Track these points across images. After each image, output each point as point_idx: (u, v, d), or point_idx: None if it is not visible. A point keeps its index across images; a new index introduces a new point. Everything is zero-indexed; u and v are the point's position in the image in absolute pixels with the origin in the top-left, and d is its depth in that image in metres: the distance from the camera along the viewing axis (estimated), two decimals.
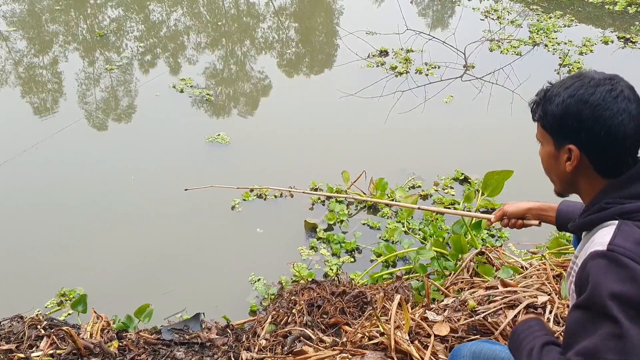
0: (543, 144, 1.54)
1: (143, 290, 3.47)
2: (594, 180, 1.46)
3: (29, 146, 4.93)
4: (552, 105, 1.45)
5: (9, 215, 4.20)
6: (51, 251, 3.83)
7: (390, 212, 4.20)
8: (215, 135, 5.13)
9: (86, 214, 4.20)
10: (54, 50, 7.52)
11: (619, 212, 1.40)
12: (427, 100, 5.82)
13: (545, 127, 1.49)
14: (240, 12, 9.28)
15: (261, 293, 3.45)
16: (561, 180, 1.54)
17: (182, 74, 6.64)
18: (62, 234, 4.01)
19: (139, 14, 8.92)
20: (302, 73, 7.11)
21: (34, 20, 8.58)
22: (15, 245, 3.90)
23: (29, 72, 6.92)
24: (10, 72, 6.89)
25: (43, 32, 8.16)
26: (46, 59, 7.26)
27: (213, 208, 4.24)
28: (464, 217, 3.48)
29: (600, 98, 1.38)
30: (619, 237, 1.34)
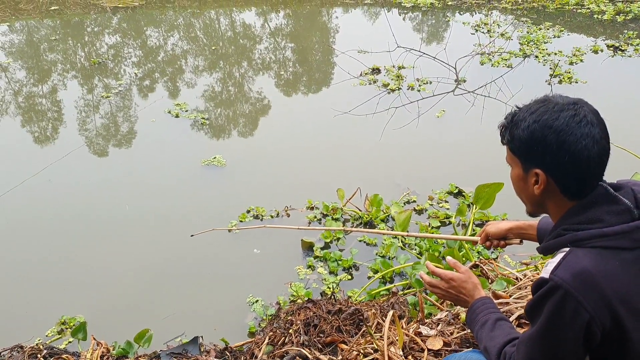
0: (512, 166, 1.59)
1: (142, 315, 3.51)
2: (561, 202, 1.51)
3: (29, 175, 4.99)
4: (518, 129, 1.50)
5: (10, 244, 4.26)
6: (51, 279, 3.88)
7: (387, 228, 4.24)
8: (212, 158, 5.19)
9: (85, 241, 4.25)
10: (53, 78, 7.63)
11: (572, 239, 1.45)
12: (420, 115, 5.89)
13: (513, 150, 1.54)
14: (237, 34, 9.41)
15: (259, 314, 3.48)
16: (531, 202, 1.59)
17: (180, 97, 6.74)
18: (61, 261, 4.06)
19: (136, 40, 9.05)
20: (300, 92, 7.20)
21: (32, 50, 8.71)
22: (15, 274, 3.95)
23: (28, 101, 7.02)
24: (10, 102, 6.99)
25: (42, 61, 8.29)
26: (45, 88, 7.37)
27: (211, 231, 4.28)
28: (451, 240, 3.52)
29: (564, 123, 1.43)
30: (562, 267, 1.41)
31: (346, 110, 5.85)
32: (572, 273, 1.38)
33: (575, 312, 1.37)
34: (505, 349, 1.60)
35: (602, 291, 1.37)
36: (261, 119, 6.43)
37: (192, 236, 3.47)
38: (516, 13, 9.08)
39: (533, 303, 1.48)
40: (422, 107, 6.04)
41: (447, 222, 4.27)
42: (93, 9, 10.24)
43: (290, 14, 10.32)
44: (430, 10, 9.59)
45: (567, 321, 1.39)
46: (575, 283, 1.37)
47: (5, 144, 5.91)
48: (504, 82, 6.38)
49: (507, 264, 3.72)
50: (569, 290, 1.37)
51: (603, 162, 1.46)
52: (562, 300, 1.38)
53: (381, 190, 4.47)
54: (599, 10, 8.76)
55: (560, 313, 1.39)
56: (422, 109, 6.00)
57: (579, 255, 1.41)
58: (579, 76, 6.54)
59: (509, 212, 4.21)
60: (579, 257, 1.40)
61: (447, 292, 1.89)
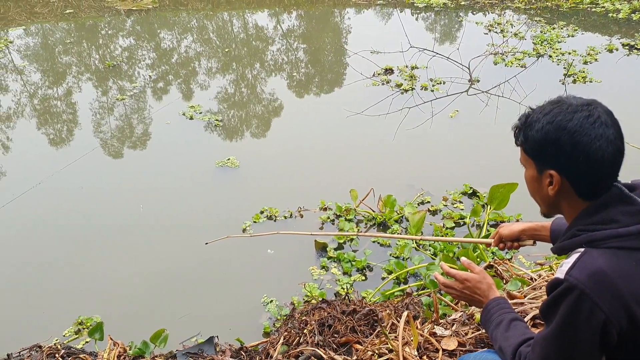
0: (526, 167, 1.59)
1: (158, 315, 3.54)
2: (575, 203, 1.51)
3: (45, 177, 5.05)
4: (532, 131, 1.50)
5: (27, 246, 4.31)
6: (68, 280, 3.92)
7: (401, 229, 4.24)
8: (225, 159, 5.22)
9: (101, 242, 4.30)
10: (68, 81, 7.71)
11: (586, 240, 1.44)
12: (434, 115, 5.88)
13: (527, 152, 1.54)
14: (250, 36, 9.44)
15: (274, 314, 3.50)
16: (545, 203, 1.59)
17: (194, 99, 6.78)
18: (78, 262, 4.10)
19: (150, 42, 9.11)
20: (312, 93, 7.21)
21: (47, 53, 8.80)
22: (32, 275, 4.00)
23: (43, 104, 7.10)
24: (26, 104, 7.07)
25: (56, 64, 8.37)
26: (60, 91, 7.45)
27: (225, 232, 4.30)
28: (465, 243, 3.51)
29: (577, 124, 1.42)
30: (577, 267, 1.40)
31: (359, 110, 5.85)
32: (588, 273, 1.38)
33: (590, 313, 1.37)
34: (521, 349, 1.60)
35: (617, 291, 1.37)
36: (274, 120, 6.45)
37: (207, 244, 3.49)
38: (529, 12, 9.03)
39: (548, 303, 1.47)
40: (435, 107, 6.03)
41: (462, 222, 4.26)
42: (107, 12, 10.33)
43: (302, 15, 10.34)
44: (443, 10, 9.57)
45: (583, 322, 1.38)
46: (590, 283, 1.37)
47: (21, 146, 5.98)
48: (518, 82, 6.35)
49: (521, 265, 3.71)
50: (584, 290, 1.36)
51: (617, 163, 1.46)
52: (577, 301, 1.38)
53: (395, 191, 4.47)
54: (613, 9, 8.69)
55: (576, 314, 1.39)
56: (435, 109, 5.99)
57: (594, 256, 1.40)
58: (593, 75, 6.50)
59: (524, 212, 4.19)
60: (594, 258, 1.40)
61: (461, 293, 1.89)
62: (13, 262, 4.14)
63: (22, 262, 4.14)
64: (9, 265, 4.11)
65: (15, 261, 4.15)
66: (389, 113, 5.92)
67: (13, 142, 6.09)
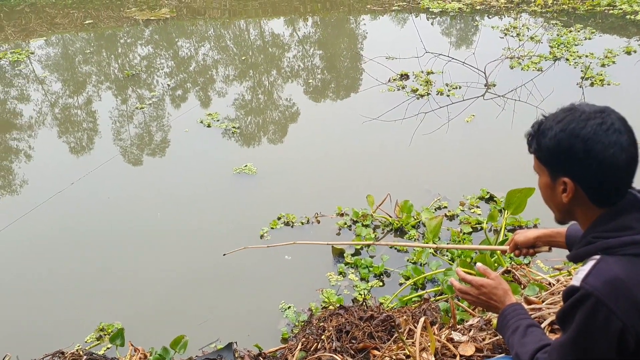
0: (540, 175, 1.60)
1: (177, 321, 3.58)
2: (589, 210, 1.51)
3: (67, 185, 5.14)
4: (545, 138, 1.50)
5: (49, 253, 4.39)
6: (89, 287, 3.98)
7: (418, 235, 4.25)
8: (243, 166, 5.27)
9: (122, 249, 4.36)
10: (88, 90, 7.83)
11: (602, 247, 1.45)
12: (450, 120, 5.87)
13: (540, 159, 1.55)
14: (266, 43, 9.52)
15: (292, 320, 3.52)
16: (559, 210, 1.59)
17: (212, 106, 6.86)
18: (99, 268, 4.17)
19: (168, 51, 9.22)
20: (329, 99, 7.24)
21: (68, 63, 8.95)
22: (54, 282, 4.07)
23: (64, 112, 7.22)
24: (47, 113, 7.19)
25: (76, 73, 8.51)
26: (80, 100, 7.57)
27: (243, 238, 4.35)
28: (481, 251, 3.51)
29: (591, 131, 1.43)
30: (592, 275, 1.41)
31: (375, 116, 5.88)
32: (603, 281, 1.38)
33: (607, 320, 1.37)
34: (537, 356, 1.61)
35: (634, 299, 1.37)
36: (291, 126, 6.50)
37: (225, 255, 3.53)
38: (546, 16, 8.98)
39: (564, 311, 1.48)
40: (451, 112, 6.03)
41: (479, 227, 4.25)
42: (126, 22, 10.48)
43: (318, 22, 10.39)
44: (458, 14, 9.56)
45: (599, 330, 1.39)
46: (606, 291, 1.37)
47: (42, 154, 6.10)
48: (535, 86, 6.32)
49: (539, 269, 3.69)
50: (600, 298, 1.37)
51: (632, 170, 1.46)
52: (593, 309, 1.39)
53: (411, 196, 4.47)
54: (631, 11, 8.61)
55: (592, 321, 1.39)
56: (451, 114, 5.99)
57: (609, 263, 1.41)
58: (611, 78, 6.45)
59: (541, 216, 4.18)
60: (609, 265, 1.40)
61: (477, 299, 1.90)
62: (35, 268, 4.22)
63: (44, 268, 4.22)
64: (32, 272, 4.19)
65: (37, 268, 4.23)
66: (405, 118, 5.93)
67: (35, 150, 6.21)
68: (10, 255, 4.39)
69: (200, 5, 11.68)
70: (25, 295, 3.98)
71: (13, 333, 3.60)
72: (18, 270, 4.22)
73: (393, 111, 6.01)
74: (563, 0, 9.46)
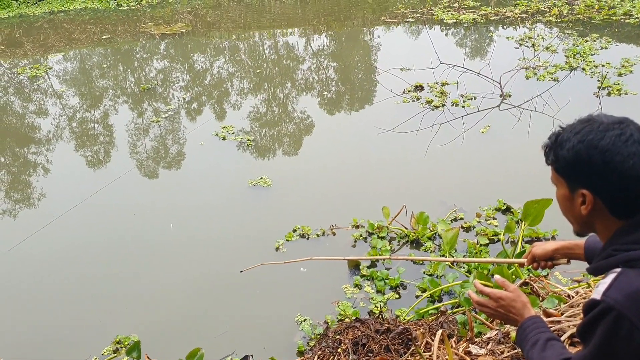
0: (558, 186, 1.57)
1: (193, 334, 3.58)
2: (609, 222, 1.49)
3: (83, 199, 5.18)
4: (563, 150, 1.48)
5: (65, 266, 4.42)
6: (106, 298, 4.00)
7: (434, 246, 4.22)
8: (258, 178, 5.28)
9: (138, 261, 4.38)
10: (105, 104, 7.92)
11: (623, 260, 1.42)
12: (466, 131, 5.85)
13: (558, 171, 1.53)
14: (280, 56, 9.57)
15: (307, 333, 3.50)
16: (578, 222, 1.57)
17: (227, 119, 6.90)
18: (116, 281, 4.18)
19: (184, 65, 9.31)
20: (343, 111, 7.25)
21: (85, 77, 9.07)
22: (72, 295, 4.09)
23: (81, 126, 7.30)
24: (65, 127, 7.29)
25: (93, 87, 8.62)
26: (97, 113, 7.66)
27: (258, 250, 4.35)
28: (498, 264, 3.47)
29: (610, 143, 1.41)
30: (614, 288, 1.38)
31: (390, 127, 5.87)
32: (625, 294, 1.36)
33: (629, 334, 1.34)
34: None
35: None
36: (305, 138, 6.51)
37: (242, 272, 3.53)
38: (561, 26, 8.95)
39: (585, 324, 1.45)
40: (466, 123, 6.01)
41: (496, 239, 4.21)
42: (142, 36, 10.61)
43: (332, 34, 10.44)
44: (472, 25, 9.55)
45: (621, 344, 1.36)
46: (628, 304, 1.35)
47: (60, 168, 6.16)
48: (551, 96, 6.28)
49: (558, 281, 3.64)
50: (622, 312, 1.34)
51: None
52: (615, 323, 1.36)
53: (427, 207, 4.45)
54: None
55: (614, 336, 1.37)
56: (467, 124, 5.97)
57: (630, 276, 1.38)
58: (628, 88, 6.39)
59: (559, 227, 4.14)
60: (631, 278, 1.38)
61: (496, 311, 1.87)
62: (53, 281, 4.25)
63: (62, 281, 4.24)
64: (50, 285, 4.22)
65: (55, 280, 4.26)
66: (420, 130, 5.92)
67: (53, 164, 6.28)
68: (28, 268, 4.43)
69: (215, 19, 11.80)
70: (42, 307, 4.00)
71: (31, 344, 3.62)
72: (36, 283, 4.26)
73: (408, 122, 6.00)
74: (579, 9, 9.42)
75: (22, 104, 8.19)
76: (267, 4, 12.64)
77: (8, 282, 4.30)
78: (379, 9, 11.56)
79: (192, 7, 12.53)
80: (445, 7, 10.56)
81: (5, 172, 6.28)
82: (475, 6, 10.49)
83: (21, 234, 4.74)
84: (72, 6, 12.96)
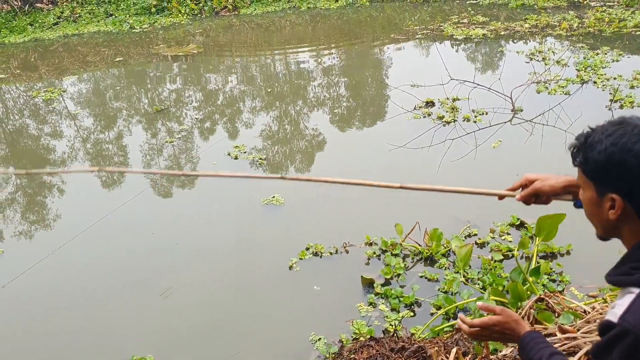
0: (584, 189, 1.52)
1: (208, 353, 3.58)
2: (637, 228, 1.44)
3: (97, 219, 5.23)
4: (593, 152, 1.43)
5: (80, 286, 4.45)
6: (122, 317, 4.02)
7: (448, 263, 4.20)
8: (270, 197, 5.30)
9: (152, 280, 4.39)
10: (119, 124, 8.02)
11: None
12: (478, 147, 5.84)
13: (587, 173, 1.48)
14: (291, 72, 9.65)
15: (322, 352, 3.49)
16: (604, 227, 1.52)
17: (239, 138, 6.95)
18: (130, 300, 4.20)
19: (196, 85, 9.41)
20: (355, 127, 7.27)
21: (99, 99, 9.19)
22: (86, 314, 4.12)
23: (96, 147, 7.39)
24: (79, 149, 7.37)
25: (107, 108, 8.73)
26: (111, 134, 7.75)
27: (271, 269, 4.36)
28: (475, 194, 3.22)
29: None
30: (631, 312, 1.35)
31: (401, 144, 5.88)
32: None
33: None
34: None
35: None
36: (317, 155, 6.53)
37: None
38: (571, 39, 8.94)
39: (601, 346, 1.42)
40: (478, 138, 6.00)
41: (510, 255, 4.19)
42: (155, 58, 10.75)
43: (342, 52, 10.51)
44: (482, 40, 9.57)
45: None
46: None
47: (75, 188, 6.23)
48: (562, 110, 6.27)
49: (574, 297, 3.61)
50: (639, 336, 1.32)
51: None
52: (632, 347, 1.33)
53: (440, 223, 4.43)
54: None
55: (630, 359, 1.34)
56: (478, 139, 5.96)
57: None
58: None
59: (573, 242, 4.11)
60: None
61: (491, 337, 1.86)
62: (69, 301, 4.27)
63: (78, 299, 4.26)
64: (64, 305, 4.24)
65: (70, 300, 4.28)
66: (431, 145, 5.93)
67: (67, 185, 6.35)
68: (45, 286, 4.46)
69: (226, 40, 11.92)
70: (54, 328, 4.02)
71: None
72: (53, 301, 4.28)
73: (420, 138, 6.01)
74: (589, 23, 9.42)
75: (37, 127, 8.31)
76: (278, 24, 12.77)
77: (30, 298, 4.34)
78: (388, 26, 11.63)
79: (204, 29, 12.69)
80: (454, 23, 10.61)
81: (21, 194, 6.35)
82: (484, 21, 10.53)
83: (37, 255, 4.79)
84: (85, 29, 13.18)
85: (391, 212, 4.84)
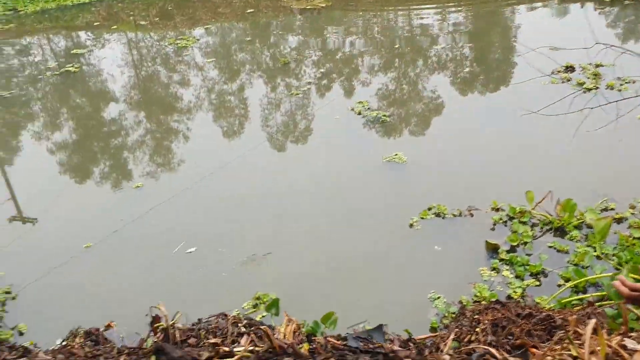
0: None
1: (328, 299, 3.62)
2: None
3: (221, 165, 5.43)
4: None
5: (212, 226, 4.65)
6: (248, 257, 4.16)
7: (580, 236, 3.95)
8: (393, 155, 5.22)
9: (277, 227, 4.49)
10: (241, 77, 8.21)
11: None
12: (620, 117, 5.40)
13: None
14: (414, 33, 9.39)
15: (441, 311, 3.43)
16: None
17: (355, 96, 6.88)
18: (256, 243, 4.31)
19: (317, 40, 9.41)
20: (477, 91, 6.97)
21: (225, 51, 9.45)
22: (215, 252, 4.30)
23: (219, 98, 7.63)
24: (204, 98, 7.65)
25: (232, 61, 8.96)
26: (234, 86, 7.96)
27: (392, 225, 4.32)
28: None
29: None
30: None
31: (535, 109, 5.55)
32: None
33: None
34: None
35: None
36: (443, 116, 6.33)
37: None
38: None
39: None
40: (622, 108, 5.53)
41: None
42: (282, 11, 10.85)
43: (470, 13, 10.06)
44: (633, 3, 8.75)
45: None
46: None
47: (199, 136, 6.49)
48: None
49: None
50: None
51: None
52: None
53: (574, 194, 4.16)
54: None
55: None
56: (621, 110, 5.50)
57: None
58: None
59: None
60: None
61: None
62: (199, 238, 4.47)
63: (205, 240, 4.46)
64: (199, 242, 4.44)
65: (199, 239, 4.47)
66: (568, 113, 5.55)
67: (192, 132, 6.62)
68: (177, 224, 4.70)
69: None
70: (189, 263, 4.24)
71: (182, 296, 3.86)
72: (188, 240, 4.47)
73: (555, 105, 5.64)
74: None
75: (167, 74, 8.71)
76: None
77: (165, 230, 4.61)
78: None
79: None
80: None
81: (150, 137, 6.70)
82: None
83: (165, 193, 5.08)
84: None
85: (520, 179, 4.63)
